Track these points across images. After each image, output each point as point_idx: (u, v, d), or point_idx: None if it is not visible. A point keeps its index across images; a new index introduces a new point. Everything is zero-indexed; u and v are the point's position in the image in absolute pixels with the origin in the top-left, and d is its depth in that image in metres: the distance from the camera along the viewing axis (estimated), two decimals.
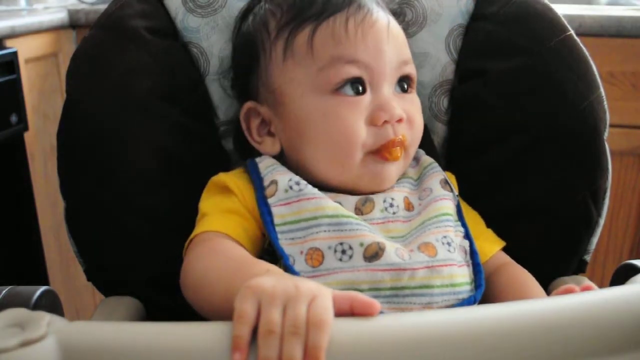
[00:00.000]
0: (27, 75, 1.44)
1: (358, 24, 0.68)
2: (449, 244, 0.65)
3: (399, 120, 0.68)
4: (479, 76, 0.78)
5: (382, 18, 0.70)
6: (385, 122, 0.67)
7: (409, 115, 0.69)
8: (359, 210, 0.67)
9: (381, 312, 0.46)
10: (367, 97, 0.68)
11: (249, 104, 0.74)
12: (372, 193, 0.69)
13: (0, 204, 1.42)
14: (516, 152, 0.76)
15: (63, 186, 0.73)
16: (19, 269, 1.49)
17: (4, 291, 0.57)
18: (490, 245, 0.73)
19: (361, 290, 0.60)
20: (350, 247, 0.62)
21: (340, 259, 0.62)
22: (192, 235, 0.65)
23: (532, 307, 0.47)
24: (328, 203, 0.65)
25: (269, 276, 0.48)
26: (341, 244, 0.62)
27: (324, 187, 0.68)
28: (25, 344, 0.41)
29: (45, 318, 0.44)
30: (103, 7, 0.80)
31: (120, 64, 0.74)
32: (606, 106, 0.74)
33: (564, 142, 0.73)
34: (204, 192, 0.71)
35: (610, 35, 1.39)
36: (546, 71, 0.74)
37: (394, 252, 0.62)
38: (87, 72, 0.74)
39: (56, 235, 1.57)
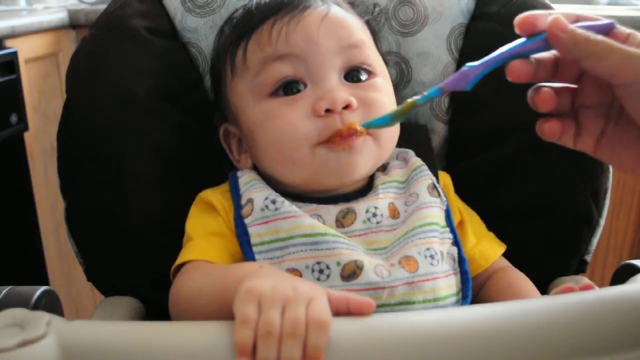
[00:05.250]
0: (27, 75, 1.44)
1: (284, 25, 0.66)
2: (432, 256, 0.63)
3: (347, 107, 0.64)
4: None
5: (319, 10, 0.68)
6: (329, 110, 0.64)
7: (365, 100, 0.66)
8: (339, 223, 0.65)
9: None
10: (307, 92, 0.66)
11: (223, 126, 0.75)
12: (354, 197, 0.67)
13: (0, 204, 1.42)
14: (517, 152, 0.75)
15: (63, 186, 0.73)
16: (19, 269, 1.49)
17: (4, 291, 0.57)
18: (493, 249, 0.73)
19: None
20: (328, 267, 0.61)
21: (318, 279, 0.61)
22: (178, 261, 0.64)
23: (531, 306, 0.47)
24: (304, 221, 0.63)
25: (267, 277, 0.48)
26: (318, 263, 0.61)
27: (304, 197, 0.67)
28: (24, 343, 0.41)
29: (45, 318, 0.44)
30: (103, 7, 0.80)
31: (120, 64, 0.74)
32: None
33: None
34: (191, 208, 0.70)
35: None
36: None
37: (372, 270, 0.60)
38: (87, 72, 0.74)
39: (56, 235, 1.57)
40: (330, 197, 0.67)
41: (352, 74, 0.68)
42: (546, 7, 0.78)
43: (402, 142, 0.75)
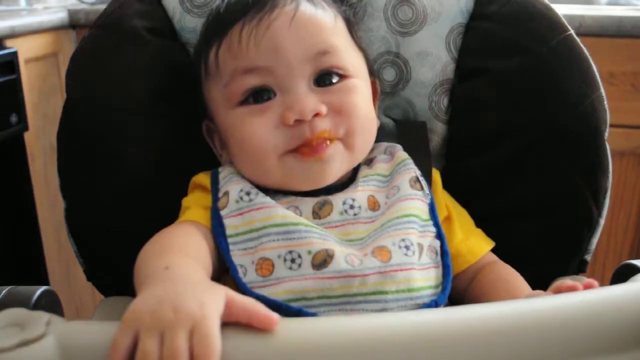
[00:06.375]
0: (27, 75, 1.44)
1: (252, 30, 0.66)
2: (407, 247, 0.63)
3: (317, 115, 0.64)
4: (479, 75, 0.78)
5: (286, 11, 0.66)
6: (298, 120, 0.64)
7: (335, 105, 0.66)
8: (316, 214, 0.65)
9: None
10: (277, 100, 0.66)
11: (205, 122, 0.75)
12: (336, 189, 0.68)
13: (0, 204, 1.42)
14: (516, 151, 0.75)
15: (63, 186, 0.73)
16: (19, 269, 1.49)
17: (4, 291, 0.57)
18: (480, 245, 0.73)
19: (310, 299, 0.60)
20: (299, 256, 0.61)
21: (290, 268, 0.61)
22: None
23: (530, 306, 0.47)
24: (277, 211, 0.64)
25: (160, 288, 0.46)
26: (290, 252, 0.61)
27: (281, 191, 0.68)
28: (24, 343, 0.41)
29: (45, 318, 0.44)
30: (103, 7, 0.80)
31: (120, 64, 0.74)
32: (607, 106, 0.74)
33: (565, 142, 0.73)
34: (188, 190, 0.72)
35: (611, 35, 1.39)
36: (546, 71, 0.74)
37: (343, 258, 0.60)
38: (87, 72, 0.74)
39: (56, 235, 1.57)
40: (310, 190, 0.68)
41: (324, 77, 0.67)
42: (545, 7, 0.78)
43: (398, 137, 0.76)
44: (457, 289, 0.71)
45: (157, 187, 0.74)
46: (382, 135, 0.80)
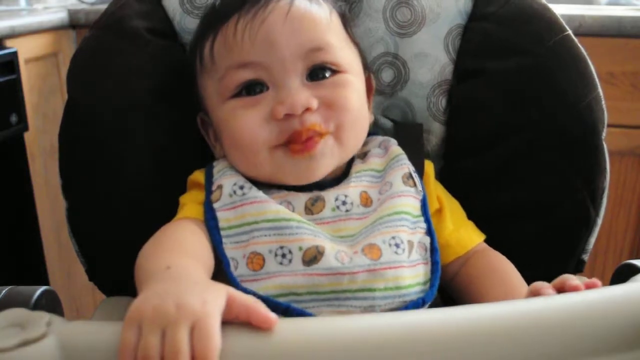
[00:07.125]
0: (27, 75, 1.44)
1: (247, 24, 0.66)
2: (397, 245, 0.63)
3: (308, 110, 0.65)
4: (478, 76, 0.78)
5: (281, 6, 0.67)
6: (288, 115, 0.64)
7: (326, 99, 0.66)
8: (308, 210, 0.66)
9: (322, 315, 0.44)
10: (269, 94, 0.66)
11: (200, 115, 0.76)
12: (329, 184, 0.68)
13: (0, 204, 1.42)
14: (514, 152, 0.75)
15: (65, 186, 0.74)
16: (19, 269, 1.49)
17: (4, 291, 0.57)
18: (470, 237, 0.73)
19: (299, 294, 0.60)
20: (290, 252, 0.61)
21: (281, 263, 0.61)
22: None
23: (531, 306, 0.47)
24: (270, 207, 0.64)
25: (162, 285, 0.47)
26: (281, 247, 0.62)
27: (274, 185, 0.68)
28: (25, 343, 0.41)
29: (45, 318, 0.44)
30: (103, 7, 0.80)
31: (120, 64, 0.74)
32: (604, 106, 0.74)
33: (563, 142, 0.73)
34: (187, 188, 0.73)
35: (611, 35, 1.39)
36: (544, 71, 0.74)
37: (333, 255, 0.61)
38: (88, 72, 0.74)
39: (56, 235, 1.57)
40: (304, 185, 0.68)
41: (317, 72, 0.68)
42: (543, 7, 0.78)
43: (395, 138, 0.75)
44: (445, 278, 0.71)
45: (157, 187, 0.74)
46: (379, 134, 0.80)
